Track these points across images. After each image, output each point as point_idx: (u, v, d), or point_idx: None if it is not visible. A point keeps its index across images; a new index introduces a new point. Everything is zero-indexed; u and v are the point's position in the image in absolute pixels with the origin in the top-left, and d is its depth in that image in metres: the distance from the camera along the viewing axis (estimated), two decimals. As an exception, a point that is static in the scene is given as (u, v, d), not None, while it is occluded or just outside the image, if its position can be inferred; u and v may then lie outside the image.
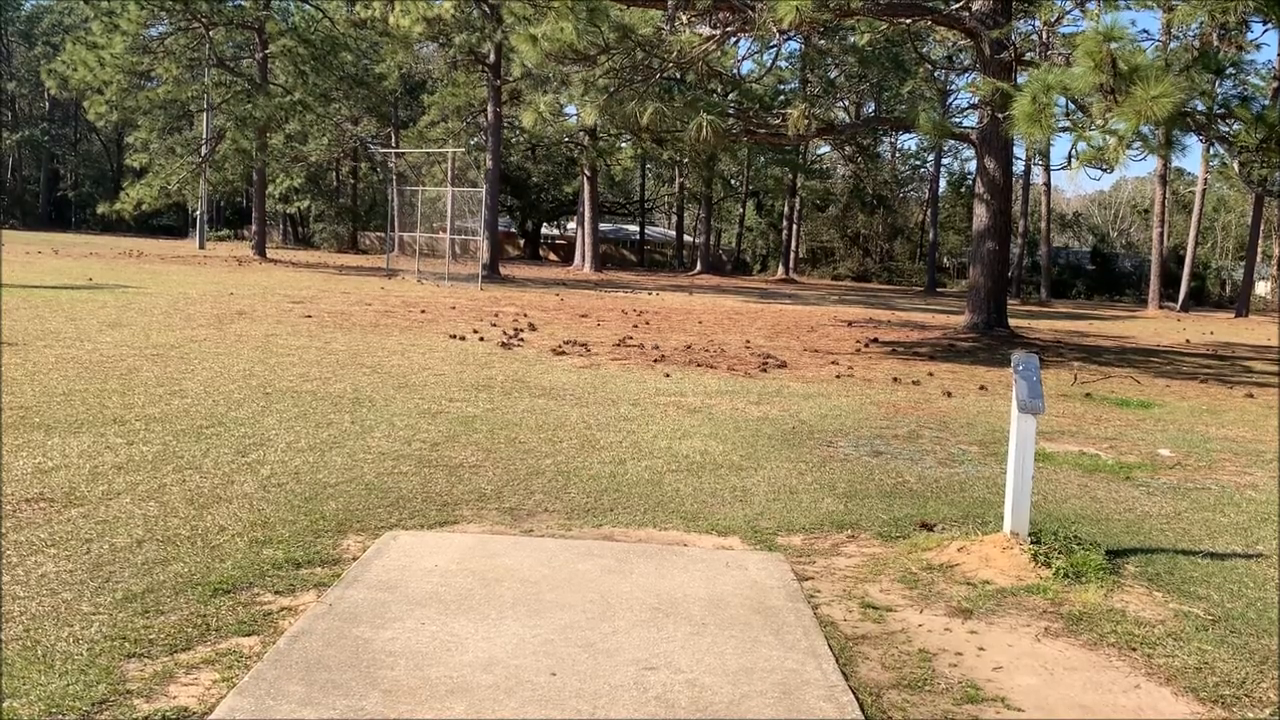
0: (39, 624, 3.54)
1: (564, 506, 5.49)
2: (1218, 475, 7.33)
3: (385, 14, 28.56)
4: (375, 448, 6.59)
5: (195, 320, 13.64)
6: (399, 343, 12.56)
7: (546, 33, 15.45)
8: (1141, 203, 62.71)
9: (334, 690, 3.16)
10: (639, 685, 3.31)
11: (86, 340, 10.85)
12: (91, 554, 4.28)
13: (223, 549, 4.45)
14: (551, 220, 60.88)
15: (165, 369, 9.23)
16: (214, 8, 34.34)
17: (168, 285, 20.06)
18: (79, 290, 17.43)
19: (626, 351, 13.24)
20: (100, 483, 5.37)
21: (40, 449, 6.00)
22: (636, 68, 16.88)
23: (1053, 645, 3.91)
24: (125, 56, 32.06)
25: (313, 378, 9.29)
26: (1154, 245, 39.46)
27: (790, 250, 48.94)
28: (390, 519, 5.06)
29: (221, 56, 36.10)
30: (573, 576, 4.33)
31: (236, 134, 34.23)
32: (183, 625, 3.62)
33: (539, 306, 20.61)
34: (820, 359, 13.71)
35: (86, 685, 3.12)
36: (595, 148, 39.61)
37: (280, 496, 5.33)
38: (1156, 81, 10.68)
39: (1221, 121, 14.61)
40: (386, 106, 46.65)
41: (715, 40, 16.20)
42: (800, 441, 7.63)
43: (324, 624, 3.67)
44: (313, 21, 36.10)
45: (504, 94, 36.09)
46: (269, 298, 18.44)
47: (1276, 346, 20.99)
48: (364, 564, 4.35)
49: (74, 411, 7.12)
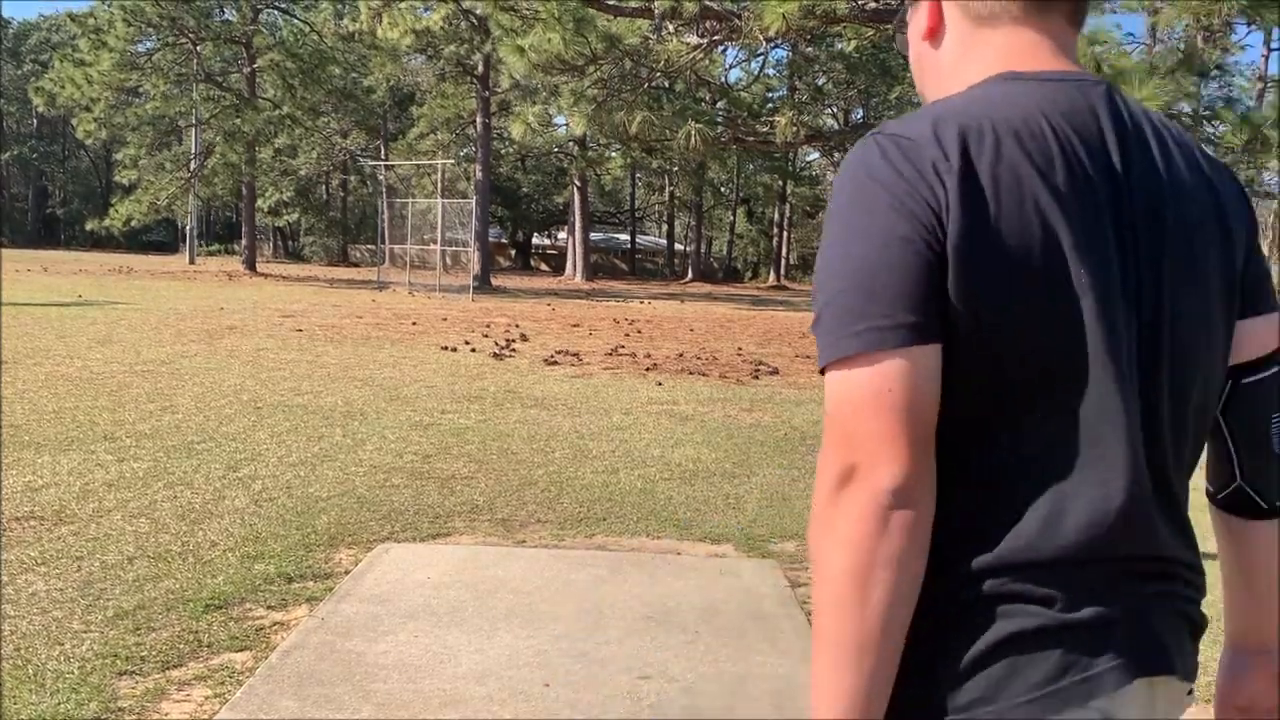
0: (30, 643, 3.52)
1: (556, 517, 5.49)
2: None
3: (373, 26, 28.60)
4: (367, 460, 6.58)
5: (185, 336, 13.62)
6: (390, 355, 12.55)
7: (534, 44, 15.45)
8: (1130, 205, 63.01)
9: (327, 704, 3.15)
10: (633, 695, 3.31)
11: (76, 357, 10.82)
12: (82, 571, 4.27)
13: (214, 564, 4.44)
14: (542, 230, 60.90)
15: (156, 385, 9.21)
16: (201, 23, 34.42)
17: (158, 301, 20.03)
18: (69, 307, 17.39)
19: (619, 360, 13.24)
20: (91, 500, 5.36)
21: (30, 467, 5.98)
22: (625, 77, 16.91)
23: (1046, 648, 3.90)
24: (113, 73, 32.04)
25: (304, 391, 9.28)
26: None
27: (781, 257, 49.05)
28: (382, 532, 5.05)
29: (209, 71, 36.11)
30: (566, 586, 4.33)
31: (225, 148, 34.27)
32: (174, 642, 3.60)
33: (531, 316, 20.61)
34: (813, 365, 13.73)
35: (78, 704, 3.11)
36: (585, 157, 39.65)
37: (272, 511, 5.32)
38: (1142, 84, 10.73)
39: (1207, 123, 14.67)
40: (375, 119, 46.63)
41: (703, 49, 16.23)
42: (793, 448, 7.64)
43: (316, 638, 3.66)
44: (301, 35, 36.12)
45: (493, 105, 36.17)
46: (259, 312, 18.41)
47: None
48: (356, 577, 4.34)
49: (64, 429, 7.10)
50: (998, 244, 1.02)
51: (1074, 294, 1.03)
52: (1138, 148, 1.12)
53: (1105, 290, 1.05)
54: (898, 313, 1.00)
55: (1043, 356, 1.04)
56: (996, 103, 1.09)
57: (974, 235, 1.01)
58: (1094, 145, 1.09)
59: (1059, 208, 1.04)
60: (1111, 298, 1.05)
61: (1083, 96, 1.12)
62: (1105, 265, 1.05)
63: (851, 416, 1.01)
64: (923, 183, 1.03)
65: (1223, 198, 1.18)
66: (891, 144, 1.07)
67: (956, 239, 1.01)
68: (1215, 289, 1.15)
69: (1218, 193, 1.18)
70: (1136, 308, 1.08)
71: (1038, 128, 1.07)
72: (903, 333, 1.00)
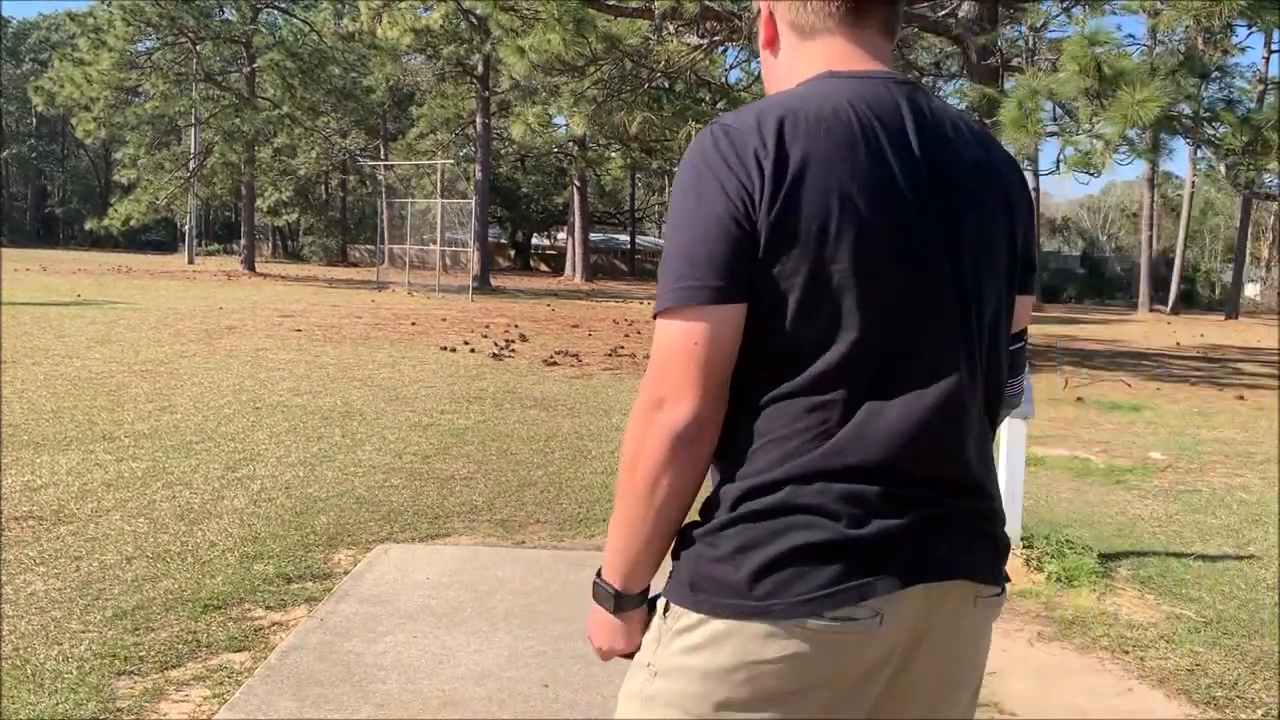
0: (28, 643, 3.51)
1: (556, 517, 5.48)
2: (1209, 477, 7.35)
3: (373, 26, 28.58)
4: (366, 461, 6.57)
5: (184, 335, 13.61)
6: (390, 355, 12.54)
7: (534, 44, 15.45)
8: (1130, 206, 62.92)
9: (326, 705, 3.14)
10: (632, 696, 3.30)
11: (75, 357, 10.81)
12: (81, 571, 4.26)
13: (213, 564, 4.43)
14: (542, 230, 60.85)
15: (154, 385, 9.20)
16: (201, 22, 34.38)
17: (157, 301, 20.01)
18: (67, 307, 17.38)
19: (619, 361, 13.24)
20: (89, 500, 5.35)
21: (29, 467, 5.97)
22: (625, 77, 16.91)
23: (1046, 649, 3.91)
24: (112, 72, 31.98)
25: (303, 391, 9.27)
26: (1143, 249, 39.64)
27: (781, 258, 48.93)
28: (381, 532, 5.04)
29: (209, 71, 36.06)
30: (566, 587, 4.32)
31: (225, 148, 34.23)
32: (173, 642, 3.59)
33: (530, 317, 20.60)
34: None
35: (76, 704, 3.10)
36: (585, 158, 39.64)
37: (271, 511, 5.31)
38: (1142, 85, 10.74)
39: (1208, 125, 14.66)
40: (375, 119, 46.61)
41: (703, 49, 16.24)
42: (792, 449, 7.62)
43: (315, 638, 3.65)
44: (300, 35, 36.09)
45: (493, 105, 36.14)
46: (259, 312, 18.40)
47: (1266, 348, 21.06)
48: (355, 578, 4.33)
49: (63, 428, 7.09)
50: (804, 216, 1.24)
51: (875, 252, 1.25)
52: (935, 135, 1.33)
53: (904, 246, 1.27)
54: (708, 277, 1.24)
55: (842, 308, 1.25)
56: (813, 96, 1.31)
57: (783, 212, 1.23)
58: (894, 129, 1.30)
59: (859, 182, 1.25)
60: (909, 253, 1.27)
61: (888, 91, 1.34)
62: (904, 228, 1.27)
63: (667, 358, 1.27)
64: (742, 168, 1.25)
65: (1011, 187, 1.41)
66: (723, 133, 1.28)
67: (766, 215, 1.24)
68: (1001, 257, 1.38)
69: (1007, 182, 1.40)
70: (937, 261, 1.29)
71: (845, 116, 1.28)
72: (709, 292, 1.24)
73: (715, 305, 1.24)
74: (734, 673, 1.26)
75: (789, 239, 1.23)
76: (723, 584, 1.28)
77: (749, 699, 1.27)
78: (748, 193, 1.24)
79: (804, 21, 1.39)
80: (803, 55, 1.40)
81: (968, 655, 1.38)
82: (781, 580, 1.24)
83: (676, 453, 1.28)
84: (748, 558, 1.26)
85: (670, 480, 1.29)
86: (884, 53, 1.40)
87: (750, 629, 1.25)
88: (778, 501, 1.26)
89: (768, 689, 1.26)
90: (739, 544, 1.27)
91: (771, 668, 1.25)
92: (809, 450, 1.26)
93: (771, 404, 1.28)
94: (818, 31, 1.39)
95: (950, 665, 1.36)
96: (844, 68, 1.35)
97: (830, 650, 1.25)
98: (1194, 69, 15.39)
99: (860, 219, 1.24)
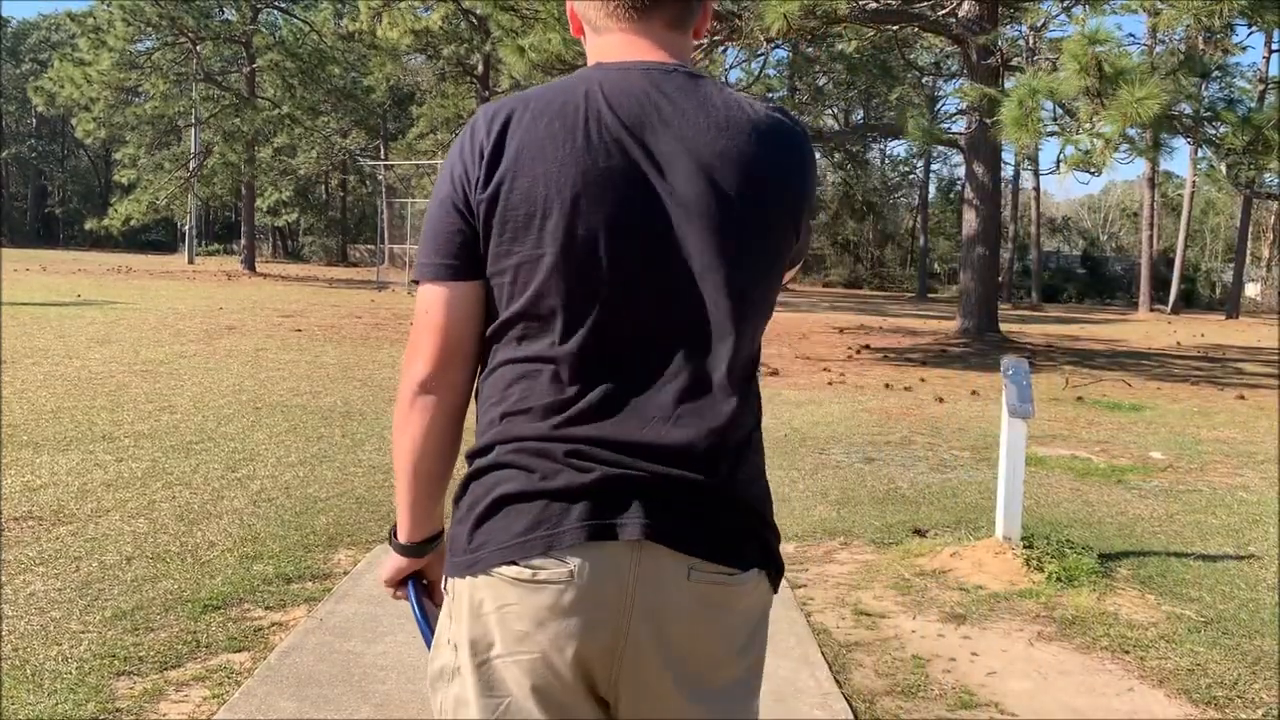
0: (28, 643, 3.51)
1: (556, 517, 5.47)
2: (1209, 477, 7.35)
3: (373, 26, 28.59)
4: (366, 461, 6.57)
5: (184, 335, 13.61)
6: (390, 355, 12.54)
7: (534, 44, 15.47)
8: (1131, 206, 62.92)
9: (326, 705, 3.14)
10: (632, 696, 3.29)
11: (75, 357, 10.81)
12: (80, 572, 4.26)
13: (213, 565, 4.43)
14: (542, 230, 60.84)
15: (154, 385, 9.20)
16: (201, 22, 34.37)
17: (157, 301, 20.01)
18: (67, 307, 17.38)
19: (618, 361, 13.21)
20: (89, 500, 5.35)
21: (29, 467, 5.97)
22: (624, 77, 16.86)
23: (1046, 649, 3.91)
24: (112, 72, 32.02)
25: (303, 391, 9.27)
26: (1143, 248, 39.60)
27: (781, 258, 48.89)
28: (381, 532, 5.03)
29: (209, 71, 36.06)
30: (565, 587, 4.31)
31: (225, 148, 34.24)
32: (173, 642, 3.59)
33: (530, 317, 20.55)
34: (812, 366, 13.73)
35: (76, 704, 3.10)
36: (584, 158, 39.55)
37: (270, 511, 5.31)
38: (1142, 84, 10.74)
39: (1208, 124, 14.67)
40: (375, 119, 46.62)
41: (703, 49, 16.23)
42: (793, 449, 7.63)
43: (315, 639, 3.65)
44: (301, 35, 36.09)
45: (493, 105, 36.08)
46: (258, 312, 18.41)
47: (1267, 348, 21.06)
48: (355, 578, 4.33)
49: (62, 429, 7.09)
50: (511, 204, 1.35)
51: (581, 238, 1.33)
52: (686, 120, 1.38)
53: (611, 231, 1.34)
54: (438, 257, 1.39)
55: (550, 289, 1.34)
56: (557, 88, 1.41)
57: (491, 200, 1.35)
58: (627, 118, 1.36)
59: (568, 172, 1.33)
60: (618, 236, 1.34)
61: (645, 79, 1.40)
62: (614, 215, 1.34)
63: (415, 324, 1.42)
64: (470, 157, 1.38)
65: (775, 173, 1.41)
66: (468, 127, 1.41)
67: (479, 203, 1.36)
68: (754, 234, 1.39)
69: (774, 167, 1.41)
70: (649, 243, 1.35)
71: (573, 107, 1.37)
72: (439, 269, 1.39)
73: (444, 282, 1.39)
74: (474, 622, 1.37)
75: (500, 225, 1.35)
76: (456, 545, 1.40)
77: (479, 641, 1.37)
78: (469, 179, 1.37)
79: (591, 18, 1.49)
80: (593, 48, 1.50)
81: (691, 634, 1.36)
82: (490, 531, 1.35)
83: (413, 405, 1.42)
84: (469, 516, 1.38)
85: (411, 431, 1.43)
86: (672, 44, 1.47)
87: (468, 583, 1.37)
88: (489, 462, 1.38)
89: (491, 638, 1.36)
90: (466, 506, 1.40)
91: (495, 616, 1.35)
92: (515, 414, 1.37)
93: (494, 371, 1.41)
94: (605, 28, 1.48)
95: (672, 643, 1.35)
96: (614, 59, 1.45)
97: (532, 600, 1.33)
98: (1194, 68, 15.41)
99: (565, 207, 1.33)
